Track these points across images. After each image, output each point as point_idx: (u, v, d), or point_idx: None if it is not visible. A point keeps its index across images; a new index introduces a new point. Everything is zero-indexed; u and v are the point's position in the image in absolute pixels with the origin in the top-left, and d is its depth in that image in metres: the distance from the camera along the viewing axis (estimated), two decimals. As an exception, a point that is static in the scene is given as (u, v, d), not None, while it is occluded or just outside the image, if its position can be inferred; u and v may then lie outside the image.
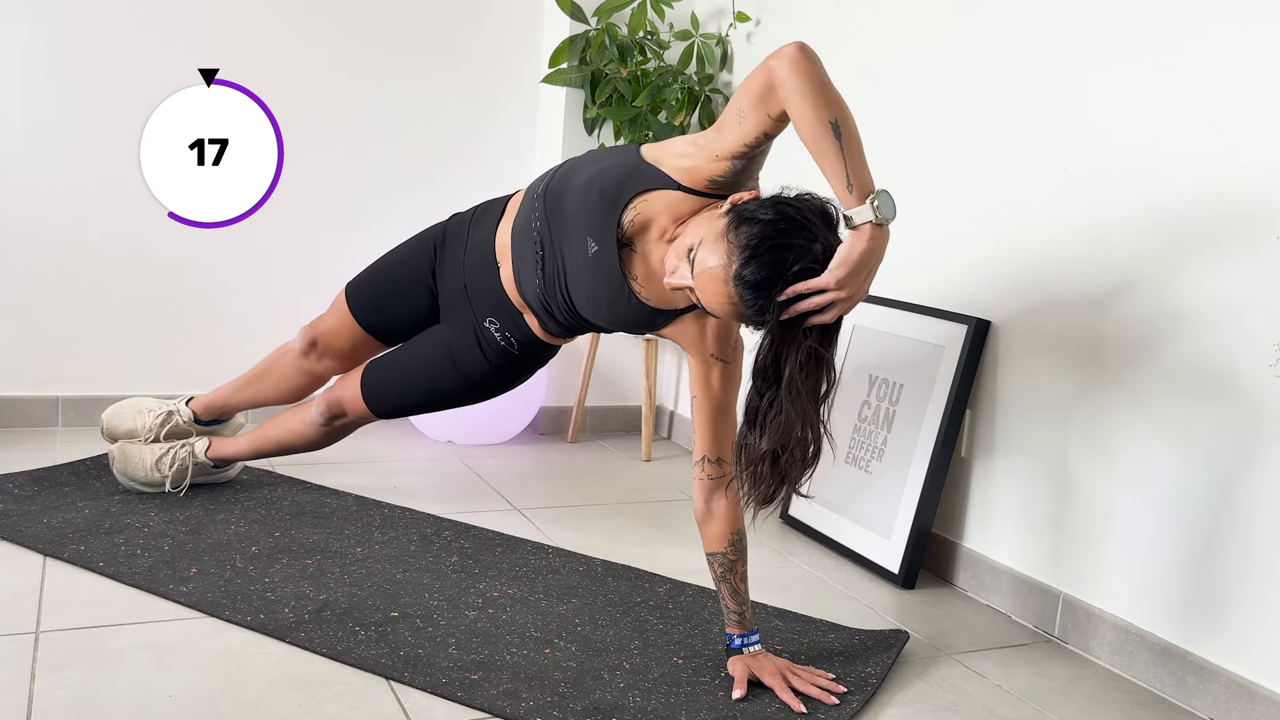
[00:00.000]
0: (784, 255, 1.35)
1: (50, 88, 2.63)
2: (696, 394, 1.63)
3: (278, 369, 2.13)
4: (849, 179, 1.35)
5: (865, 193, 1.35)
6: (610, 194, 1.57)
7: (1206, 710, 1.66)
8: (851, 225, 1.35)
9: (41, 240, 2.67)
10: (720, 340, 1.62)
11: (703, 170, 1.52)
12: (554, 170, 1.72)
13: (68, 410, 2.74)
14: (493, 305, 1.82)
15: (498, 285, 1.81)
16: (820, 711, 1.54)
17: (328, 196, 2.96)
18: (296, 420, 2.12)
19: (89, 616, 1.66)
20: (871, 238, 1.34)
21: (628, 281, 1.60)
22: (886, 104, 2.36)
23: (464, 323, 1.86)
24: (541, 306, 1.74)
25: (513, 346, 1.83)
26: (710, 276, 1.39)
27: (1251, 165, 1.62)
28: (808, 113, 1.36)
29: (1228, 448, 1.65)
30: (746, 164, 1.51)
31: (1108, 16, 1.85)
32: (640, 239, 1.58)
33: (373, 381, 1.99)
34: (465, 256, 1.87)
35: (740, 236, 1.38)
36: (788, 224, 1.37)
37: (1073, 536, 1.91)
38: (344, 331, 2.03)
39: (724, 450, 1.63)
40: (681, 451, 3.11)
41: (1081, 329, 1.91)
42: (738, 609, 1.64)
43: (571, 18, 2.89)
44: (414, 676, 1.54)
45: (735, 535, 1.64)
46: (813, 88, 1.37)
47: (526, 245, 1.72)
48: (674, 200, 1.54)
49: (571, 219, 1.63)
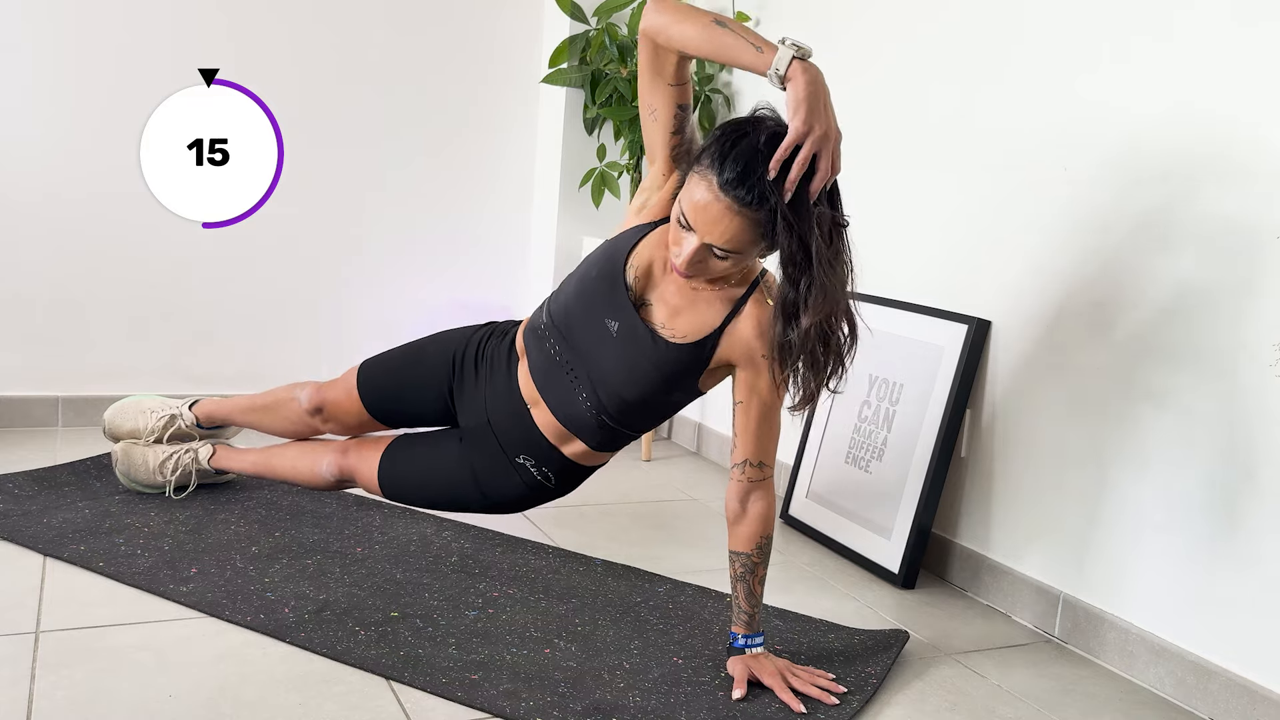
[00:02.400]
0: (747, 141, 1.42)
1: (50, 88, 2.63)
2: (743, 399, 1.61)
3: (282, 410, 2.08)
4: (755, 45, 1.43)
5: (775, 45, 1.42)
6: (606, 271, 1.64)
7: (1206, 710, 1.66)
8: (782, 75, 1.40)
9: (41, 240, 2.67)
10: (765, 337, 1.58)
11: (661, 197, 1.64)
12: (542, 303, 1.78)
13: (68, 410, 2.74)
14: (524, 445, 1.78)
15: (532, 429, 1.76)
16: (820, 711, 1.54)
17: (327, 196, 2.96)
18: (306, 466, 2.03)
19: (89, 616, 1.66)
20: (805, 70, 1.39)
21: (659, 335, 1.61)
22: (885, 103, 2.37)
23: (492, 455, 1.80)
24: (595, 423, 1.70)
25: (549, 480, 1.80)
26: (704, 206, 1.44)
27: (1252, 164, 1.62)
28: (690, 29, 1.48)
29: (1228, 447, 1.65)
30: (686, 154, 1.60)
31: (1107, 15, 1.85)
32: (650, 290, 1.63)
33: (390, 472, 1.90)
34: (487, 400, 1.82)
35: (704, 160, 1.45)
36: (732, 125, 1.46)
37: (1073, 536, 1.91)
38: (350, 410, 1.98)
39: (767, 454, 1.62)
40: (682, 451, 3.11)
41: (1081, 329, 1.91)
42: (749, 610, 1.63)
43: (571, 18, 2.90)
44: (414, 676, 1.54)
45: (764, 539, 1.63)
46: (680, 12, 1.50)
47: (557, 377, 1.71)
48: (659, 236, 1.63)
49: (585, 321, 1.66)
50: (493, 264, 3.21)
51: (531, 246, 3.26)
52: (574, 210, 3.08)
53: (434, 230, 3.11)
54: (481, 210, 3.18)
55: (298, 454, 2.05)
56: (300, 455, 2.05)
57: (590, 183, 2.98)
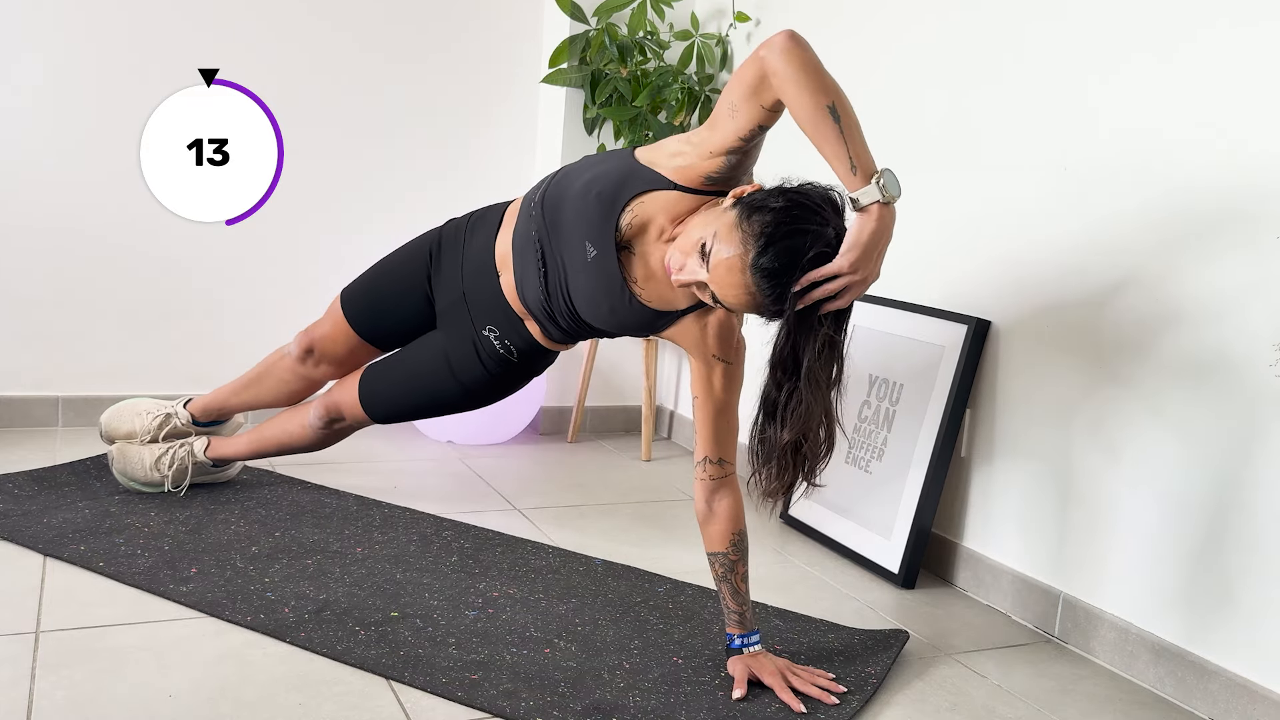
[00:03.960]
0: (799, 241, 1.36)
1: (50, 88, 2.63)
2: (698, 395, 1.63)
3: (274, 373, 2.13)
4: (852, 161, 1.35)
5: (869, 173, 1.35)
6: (607, 198, 1.58)
7: (1206, 710, 1.66)
8: (858, 207, 1.36)
9: (42, 240, 2.67)
10: (722, 341, 1.62)
11: (698, 168, 1.52)
12: (550, 177, 1.72)
13: (68, 410, 2.74)
14: (492, 313, 1.81)
15: (498, 293, 1.80)
16: (820, 711, 1.54)
17: (328, 196, 2.96)
18: (295, 422, 2.12)
19: (89, 616, 1.66)
20: (879, 217, 1.35)
21: (628, 284, 1.60)
22: (886, 103, 2.36)
23: (462, 331, 1.86)
24: (544, 313, 1.74)
25: (511, 354, 1.83)
26: (727, 267, 1.40)
27: (1251, 164, 1.62)
28: (805, 99, 1.37)
29: (1228, 447, 1.65)
30: (741, 158, 1.51)
31: (1107, 15, 1.85)
32: (639, 241, 1.59)
33: (370, 388, 1.99)
34: (463, 265, 1.86)
35: (754, 225, 1.38)
36: (800, 210, 1.39)
37: (1073, 536, 1.91)
38: (340, 338, 2.02)
39: (725, 451, 1.63)
40: (681, 451, 3.11)
41: (1081, 329, 1.91)
42: (738, 609, 1.64)
43: (571, 18, 2.90)
44: (414, 676, 1.54)
45: (736, 535, 1.64)
46: (807, 74, 1.38)
47: (528, 253, 1.72)
48: (671, 200, 1.55)
49: (569, 225, 1.63)
50: (493, 264, 3.21)
51: (531, 246, 3.25)
52: (574, 210, 3.07)
53: (434, 230, 3.11)
54: (481, 210, 3.18)
55: (285, 417, 2.16)
56: (287, 417, 2.15)
57: (590, 183, 2.98)
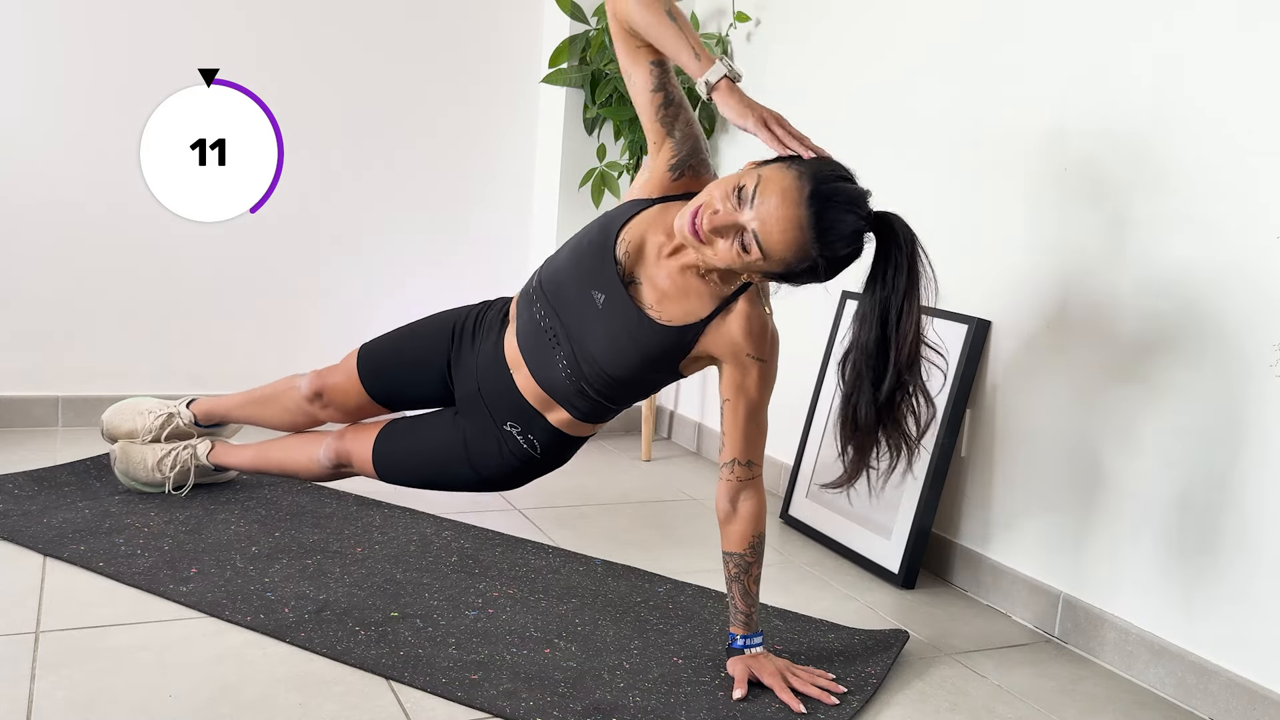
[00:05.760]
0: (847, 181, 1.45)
1: (50, 87, 2.63)
2: (729, 398, 1.60)
3: (282, 401, 2.09)
4: (695, 50, 1.55)
5: (711, 58, 1.54)
6: (598, 243, 1.65)
7: (1207, 710, 1.66)
8: (711, 87, 1.53)
9: (42, 240, 2.67)
10: (755, 337, 1.59)
11: (659, 163, 1.66)
12: (537, 270, 1.78)
13: (68, 410, 2.74)
14: (510, 410, 1.79)
15: (514, 392, 1.78)
16: (820, 711, 1.54)
17: (328, 196, 2.97)
18: (304, 454, 2.06)
19: (89, 616, 1.66)
20: (732, 91, 1.52)
21: (645, 313, 1.61)
22: (886, 102, 2.37)
23: (483, 423, 1.83)
24: (575, 390, 1.71)
25: (534, 450, 1.81)
26: (781, 197, 1.41)
27: (1251, 164, 1.62)
28: (644, 11, 1.58)
29: (1228, 448, 1.65)
30: (675, 117, 1.64)
31: (1107, 15, 1.85)
32: (640, 268, 1.62)
33: (385, 452, 1.94)
34: (477, 362, 1.84)
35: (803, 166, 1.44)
36: (832, 162, 1.48)
37: (1073, 536, 1.91)
38: (351, 392, 2.00)
39: (755, 453, 1.62)
40: (682, 451, 3.11)
41: (1081, 328, 1.91)
42: (746, 610, 1.63)
43: (571, 18, 2.90)
44: (414, 676, 1.54)
45: (756, 538, 1.63)
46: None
47: (539, 341, 1.72)
48: (655, 214, 1.63)
49: (572, 287, 1.67)
50: (492, 264, 3.21)
51: (531, 246, 3.25)
52: (574, 210, 3.07)
53: (434, 230, 3.11)
54: (481, 210, 3.18)
55: (294, 444, 2.08)
56: (297, 445, 2.07)
57: (590, 183, 2.98)
